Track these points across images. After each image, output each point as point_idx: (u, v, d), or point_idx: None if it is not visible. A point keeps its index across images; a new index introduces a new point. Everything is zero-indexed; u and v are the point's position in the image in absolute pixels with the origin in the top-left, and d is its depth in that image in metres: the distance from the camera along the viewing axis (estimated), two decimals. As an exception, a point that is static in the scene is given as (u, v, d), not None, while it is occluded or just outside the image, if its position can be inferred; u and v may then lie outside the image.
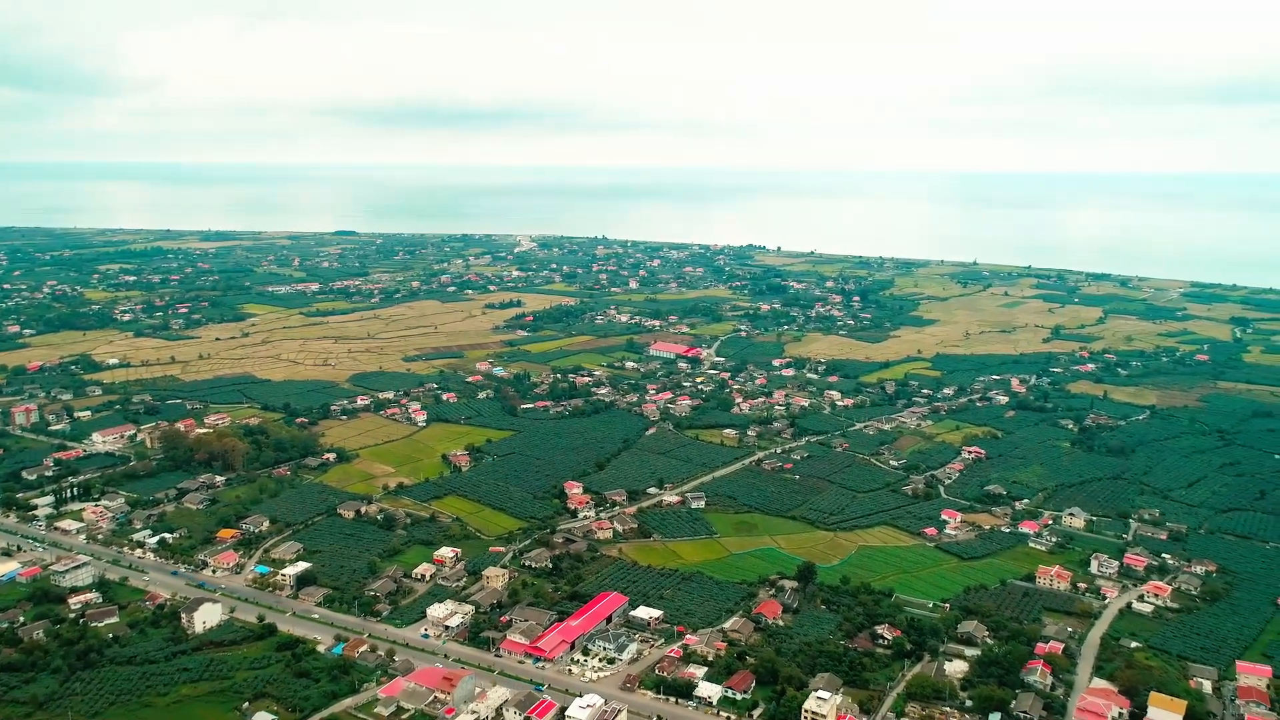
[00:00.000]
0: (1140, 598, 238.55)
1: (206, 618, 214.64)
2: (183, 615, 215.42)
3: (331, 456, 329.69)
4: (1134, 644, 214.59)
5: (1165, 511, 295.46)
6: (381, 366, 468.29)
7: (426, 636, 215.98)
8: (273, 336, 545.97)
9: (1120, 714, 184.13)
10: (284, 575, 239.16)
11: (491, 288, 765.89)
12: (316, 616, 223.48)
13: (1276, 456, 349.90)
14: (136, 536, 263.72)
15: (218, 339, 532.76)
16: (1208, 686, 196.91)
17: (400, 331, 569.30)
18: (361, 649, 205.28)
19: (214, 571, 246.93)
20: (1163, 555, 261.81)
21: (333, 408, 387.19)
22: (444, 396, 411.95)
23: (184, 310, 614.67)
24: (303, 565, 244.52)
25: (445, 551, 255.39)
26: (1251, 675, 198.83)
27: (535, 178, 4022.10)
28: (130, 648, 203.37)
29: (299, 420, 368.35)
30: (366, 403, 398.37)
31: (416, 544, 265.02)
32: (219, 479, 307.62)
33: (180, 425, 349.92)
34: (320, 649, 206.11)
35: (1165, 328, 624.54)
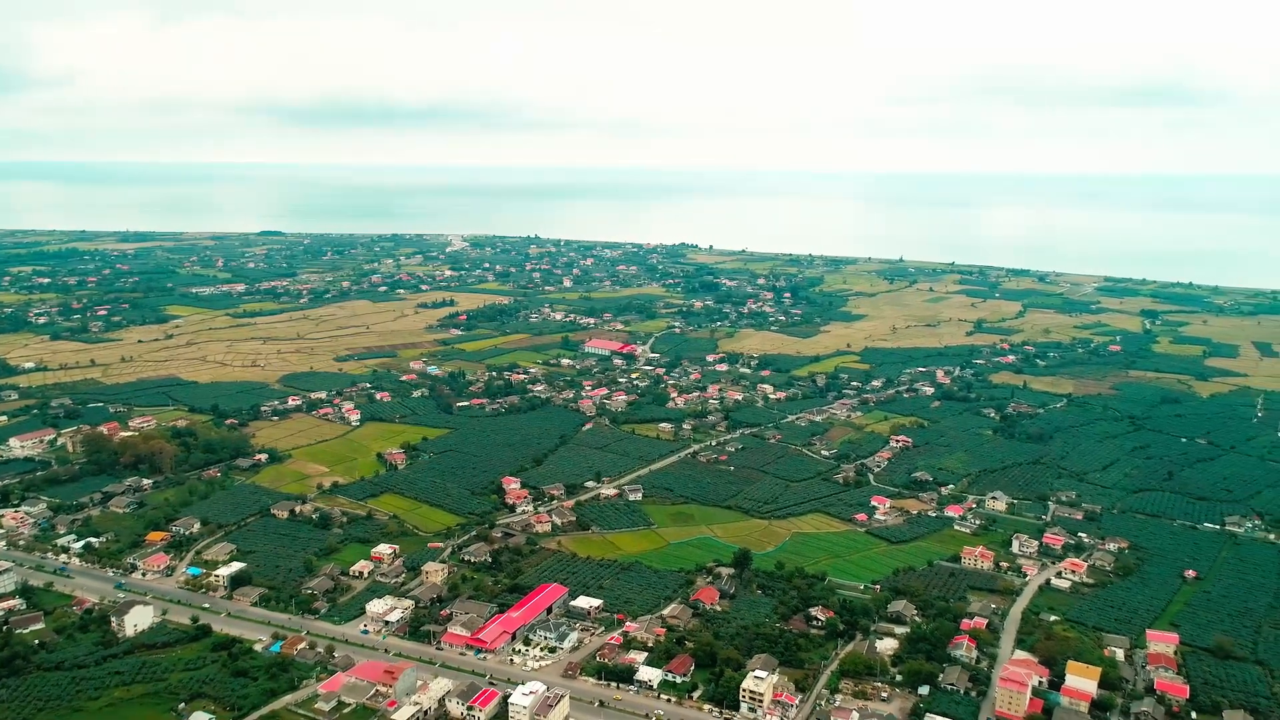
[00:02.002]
0: (1058, 574, 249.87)
1: (138, 621, 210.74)
2: (112, 619, 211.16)
3: (263, 457, 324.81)
4: (1053, 617, 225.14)
5: (1081, 493, 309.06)
6: (313, 367, 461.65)
7: (366, 632, 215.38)
8: (198, 338, 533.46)
9: (1040, 683, 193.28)
10: (217, 576, 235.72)
11: (424, 287, 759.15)
12: (253, 616, 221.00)
13: (1183, 440, 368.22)
14: (60, 542, 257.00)
15: (140, 341, 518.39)
16: (1121, 654, 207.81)
17: (331, 332, 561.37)
18: (300, 646, 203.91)
19: (144, 575, 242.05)
20: (1079, 534, 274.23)
21: (263, 409, 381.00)
22: (378, 396, 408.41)
23: (103, 312, 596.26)
24: (237, 566, 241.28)
25: (383, 548, 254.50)
26: (1160, 643, 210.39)
27: (467, 177, 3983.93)
28: (58, 653, 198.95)
29: (228, 422, 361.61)
30: (298, 403, 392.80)
31: (353, 542, 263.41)
32: (146, 482, 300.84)
33: (103, 429, 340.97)
34: (257, 648, 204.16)
35: (1081, 320, 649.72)
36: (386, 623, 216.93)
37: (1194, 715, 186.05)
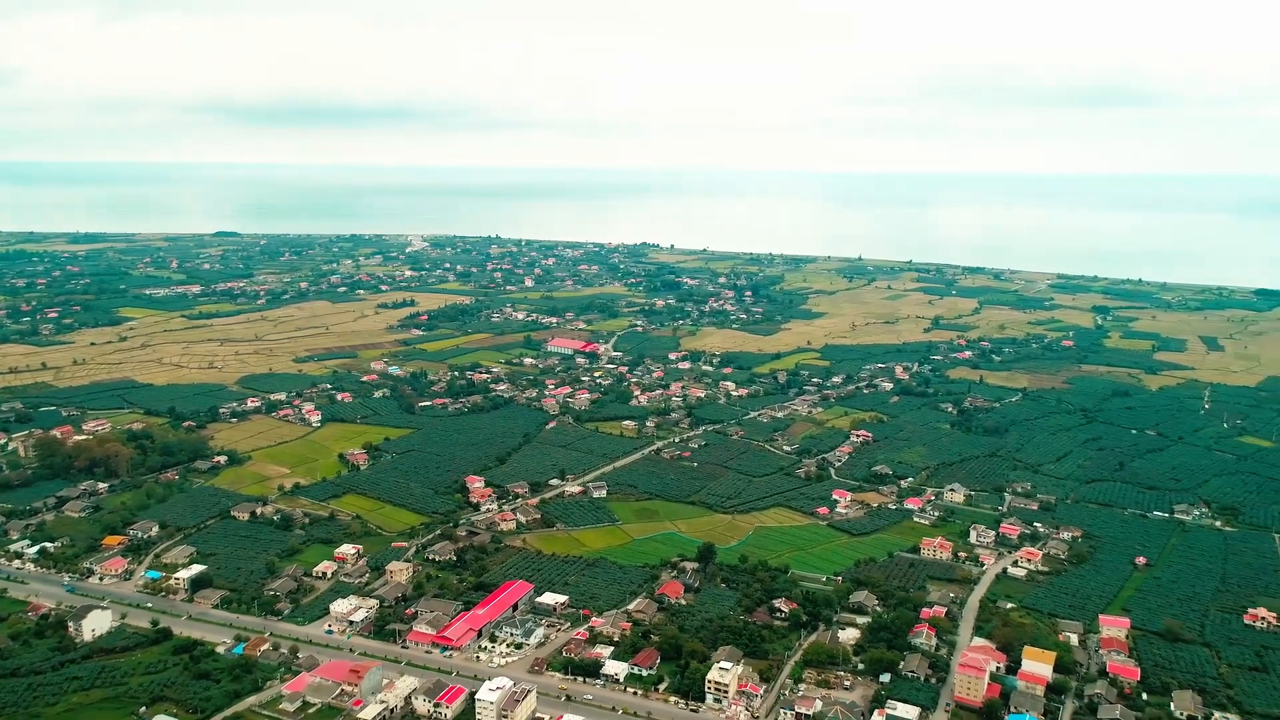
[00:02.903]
0: (1015, 563, 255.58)
1: (96, 625, 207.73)
2: (70, 624, 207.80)
3: (223, 459, 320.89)
4: (1009, 605, 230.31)
5: (1036, 484, 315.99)
6: (272, 368, 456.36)
7: (330, 632, 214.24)
8: (153, 340, 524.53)
9: (998, 668, 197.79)
10: (177, 579, 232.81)
11: (384, 287, 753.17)
12: (214, 618, 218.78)
13: (1133, 432, 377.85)
14: (14, 547, 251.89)
15: (93, 344, 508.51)
16: (1075, 639, 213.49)
17: (290, 333, 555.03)
18: (263, 648, 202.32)
19: (101, 579, 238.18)
20: (1034, 524, 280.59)
21: (221, 410, 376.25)
22: (339, 396, 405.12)
23: (54, 315, 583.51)
24: (197, 568, 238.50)
25: (346, 549, 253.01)
26: (1112, 627, 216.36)
27: (426, 177, 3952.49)
28: (13, 659, 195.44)
29: (186, 424, 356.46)
30: (257, 405, 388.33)
31: (316, 543, 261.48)
32: (102, 486, 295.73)
33: (56, 432, 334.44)
34: (220, 650, 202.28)
35: (1035, 316, 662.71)
36: (351, 622, 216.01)
37: (1145, 696, 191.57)
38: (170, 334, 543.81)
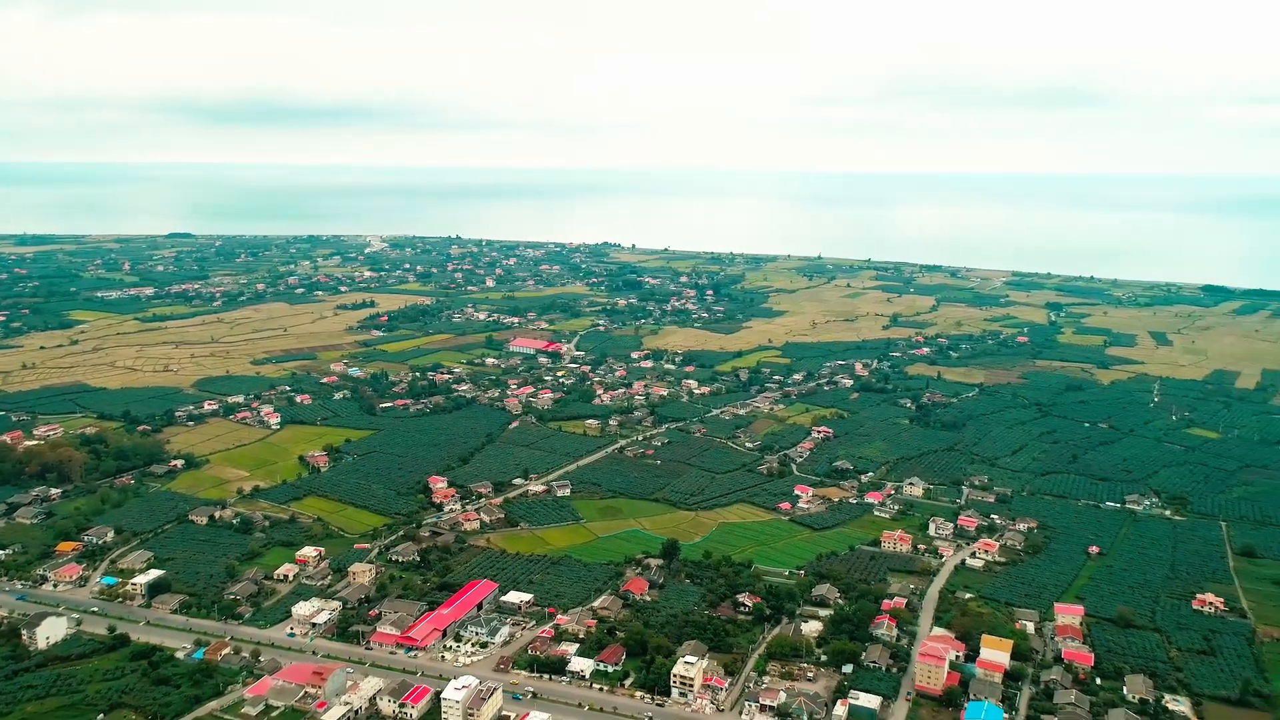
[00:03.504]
0: (972, 554, 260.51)
1: (50, 633, 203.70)
2: (23, 632, 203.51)
3: (179, 463, 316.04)
4: (968, 595, 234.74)
5: (993, 477, 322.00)
6: (229, 371, 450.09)
7: (293, 635, 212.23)
8: (105, 343, 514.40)
9: (957, 656, 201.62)
10: (134, 584, 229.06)
11: (343, 289, 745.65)
12: (173, 624, 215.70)
13: (1086, 425, 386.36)
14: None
15: (43, 347, 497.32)
16: (1031, 627, 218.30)
17: (247, 335, 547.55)
18: (224, 652, 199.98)
19: (55, 586, 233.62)
20: (991, 516, 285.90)
21: (178, 414, 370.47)
22: (298, 398, 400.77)
23: (1, 318, 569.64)
24: (155, 573, 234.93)
25: (308, 551, 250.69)
26: (1067, 615, 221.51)
27: (385, 178, 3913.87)
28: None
29: (141, 428, 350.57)
30: (215, 407, 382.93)
31: (277, 546, 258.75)
32: (55, 491, 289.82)
33: (6, 438, 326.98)
34: (180, 655, 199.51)
35: (990, 313, 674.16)
36: (314, 625, 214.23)
37: (1099, 681, 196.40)
38: (123, 337, 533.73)
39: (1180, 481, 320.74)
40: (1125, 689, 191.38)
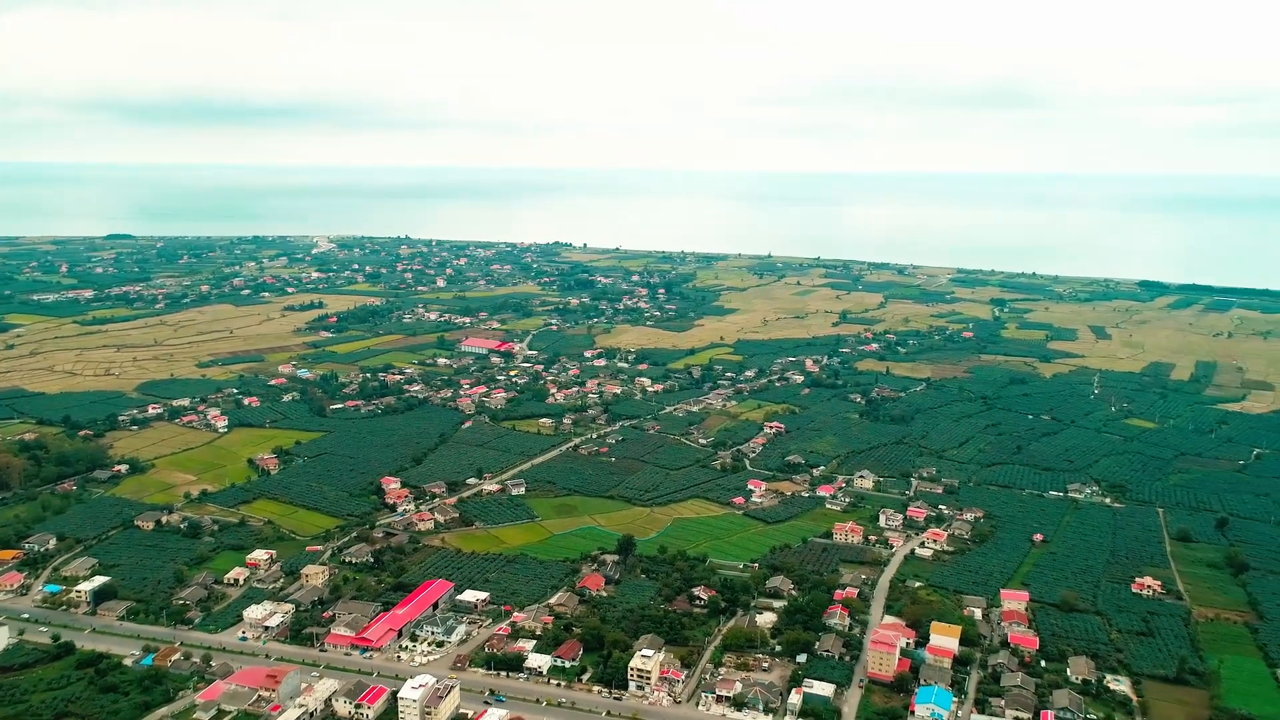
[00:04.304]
0: (922, 544, 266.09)
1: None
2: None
3: (124, 468, 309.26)
4: (917, 584, 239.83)
5: (940, 469, 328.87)
6: (174, 374, 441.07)
7: (245, 639, 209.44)
8: (43, 347, 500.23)
9: (907, 643, 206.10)
10: (79, 592, 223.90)
11: (290, 290, 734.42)
12: (120, 631, 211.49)
13: (1030, 417, 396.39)
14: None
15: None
16: (978, 613, 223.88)
17: (192, 337, 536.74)
18: (174, 657, 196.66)
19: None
20: (939, 506, 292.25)
21: (121, 418, 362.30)
22: (246, 401, 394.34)
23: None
24: (100, 580, 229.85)
25: (259, 554, 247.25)
26: (1013, 600, 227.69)
27: (331, 177, 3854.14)
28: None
29: (83, 433, 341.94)
30: (159, 411, 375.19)
31: (227, 550, 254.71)
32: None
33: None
34: (128, 662, 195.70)
35: (937, 310, 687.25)
36: (266, 628, 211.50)
37: (1043, 664, 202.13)
38: (62, 341, 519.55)
39: (1119, 470, 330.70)
40: (1069, 670, 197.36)
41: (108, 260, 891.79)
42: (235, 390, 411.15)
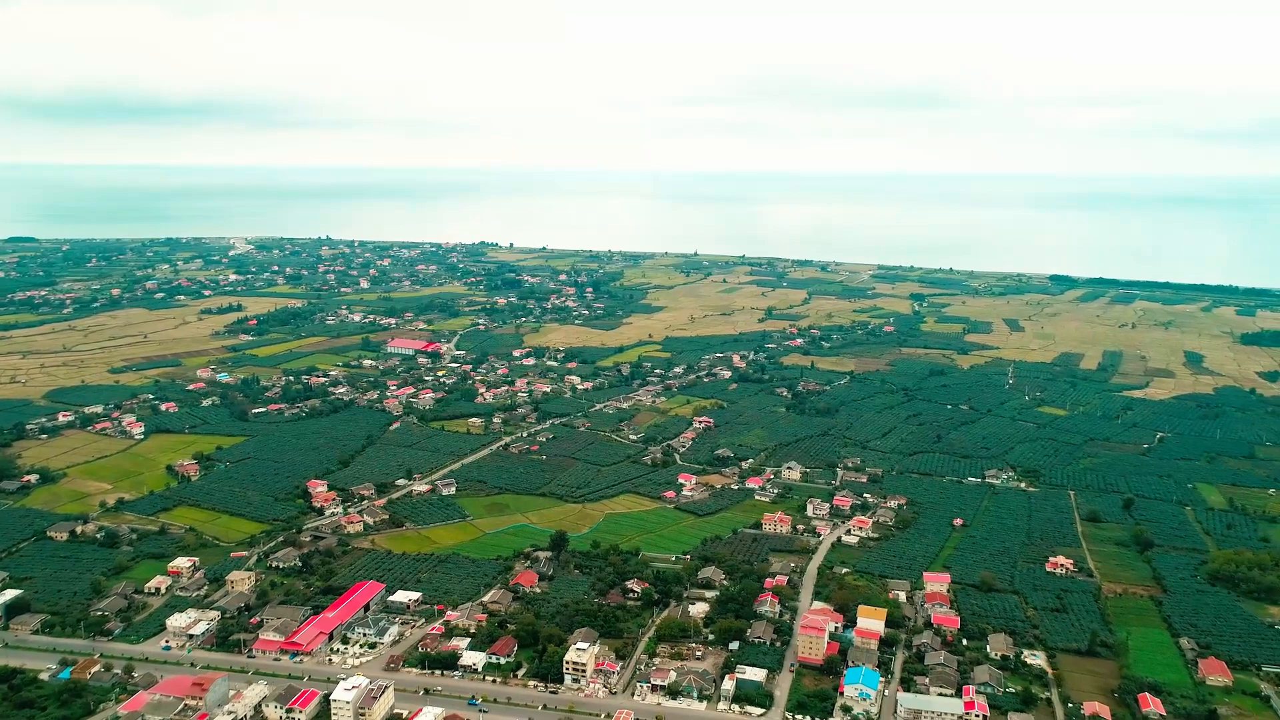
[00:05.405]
0: (848, 532, 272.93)
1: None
2: None
3: (33, 478, 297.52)
4: (844, 570, 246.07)
5: (865, 459, 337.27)
6: (84, 380, 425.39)
7: (168, 648, 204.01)
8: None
9: (836, 627, 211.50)
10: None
11: (206, 292, 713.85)
12: (35, 644, 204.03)
13: (949, 407, 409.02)
14: None
15: None
16: (903, 596, 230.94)
17: (103, 342, 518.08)
18: (94, 670, 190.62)
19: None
20: (864, 495, 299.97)
21: (29, 426, 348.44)
22: (163, 406, 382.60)
23: None
24: (11, 593, 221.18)
25: (181, 562, 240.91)
26: (935, 583, 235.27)
27: (247, 178, 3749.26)
28: None
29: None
30: (70, 419, 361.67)
31: (146, 559, 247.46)
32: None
33: None
34: (44, 677, 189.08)
35: (859, 305, 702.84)
36: (191, 636, 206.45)
37: (965, 642, 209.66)
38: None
39: (1033, 456, 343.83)
40: (989, 647, 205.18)
41: (9, 264, 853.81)
42: (151, 396, 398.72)
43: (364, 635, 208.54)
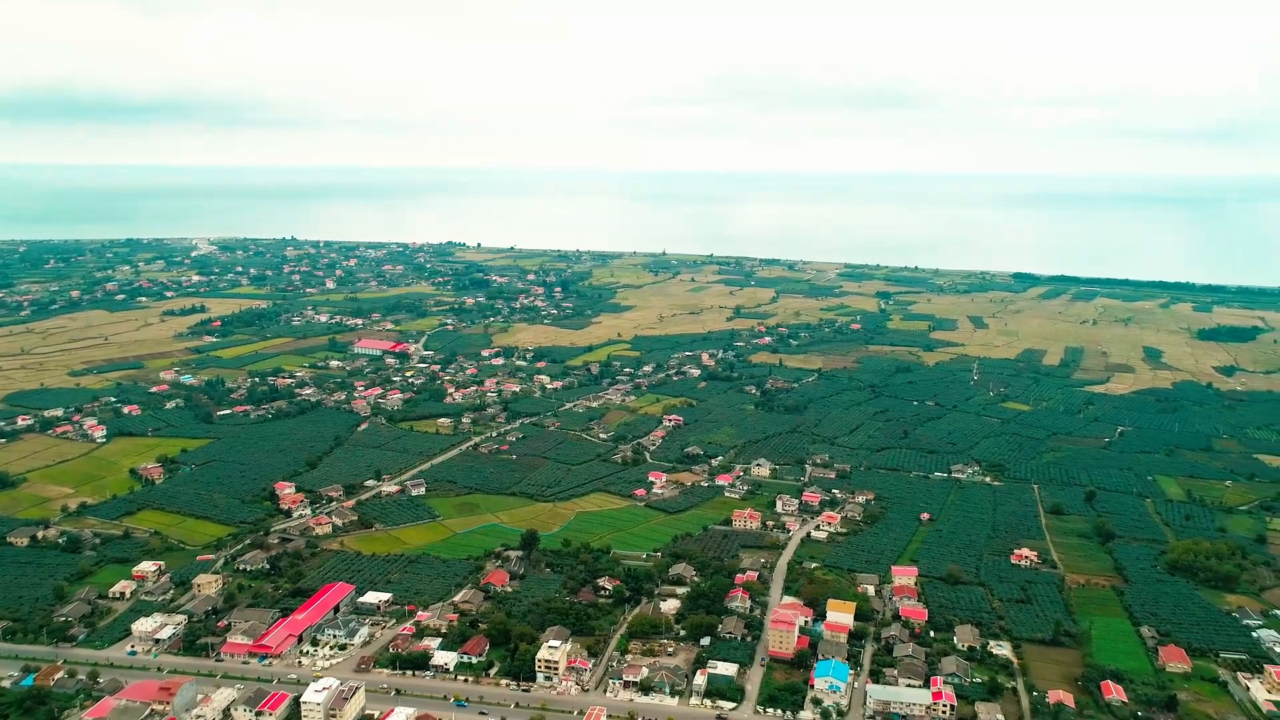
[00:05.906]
0: (817, 527, 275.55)
1: None
2: None
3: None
4: (814, 565, 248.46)
5: (833, 455, 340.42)
6: (44, 383, 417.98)
7: (134, 653, 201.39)
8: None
9: (806, 621, 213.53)
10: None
11: (169, 294, 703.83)
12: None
13: (915, 403, 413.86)
14: None
15: None
16: (871, 590, 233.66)
17: (63, 345, 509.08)
18: (58, 676, 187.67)
19: None
20: (833, 491, 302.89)
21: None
22: (125, 409, 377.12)
23: None
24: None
25: (146, 566, 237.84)
26: (903, 576, 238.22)
27: (210, 178, 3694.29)
28: None
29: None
30: (29, 422, 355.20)
31: (110, 563, 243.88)
32: None
33: None
34: (5, 684, 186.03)
35: (826, 303, 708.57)
36: (157, 640, 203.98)
37: (932, 634, 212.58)
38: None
39: (998, 451, 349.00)
40: (955, 639, 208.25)
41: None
42: (113, 399, 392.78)
43: (334, 637, 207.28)
